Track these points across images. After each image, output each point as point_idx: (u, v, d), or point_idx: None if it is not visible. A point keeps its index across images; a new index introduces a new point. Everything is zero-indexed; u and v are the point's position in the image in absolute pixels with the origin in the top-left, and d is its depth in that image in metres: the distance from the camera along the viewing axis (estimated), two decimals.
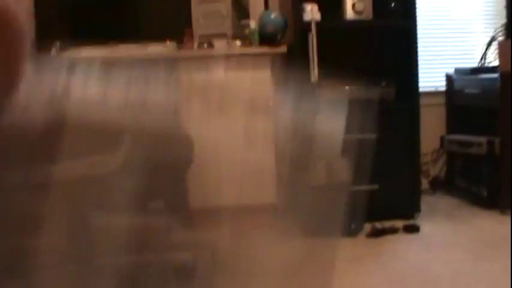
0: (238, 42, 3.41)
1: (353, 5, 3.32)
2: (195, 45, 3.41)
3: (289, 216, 3.59)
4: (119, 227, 2.59)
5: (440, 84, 4.13)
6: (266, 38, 3.39)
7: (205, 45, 3.38)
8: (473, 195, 3.70)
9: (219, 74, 3.34)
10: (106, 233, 3.00)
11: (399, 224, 3.21)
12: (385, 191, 3.28)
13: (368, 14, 3.35)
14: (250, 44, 3.39)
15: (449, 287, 2.36)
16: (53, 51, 3.09)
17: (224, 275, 2.66)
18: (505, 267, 2.53)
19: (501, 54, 3.61)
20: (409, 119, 3.36)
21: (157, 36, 3.36)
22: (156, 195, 3.54)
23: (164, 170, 2.26)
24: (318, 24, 3.20)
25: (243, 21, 3.52)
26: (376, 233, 3.07)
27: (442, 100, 4.12)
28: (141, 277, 2.70)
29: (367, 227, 3.19)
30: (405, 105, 3.35)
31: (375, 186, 3.25)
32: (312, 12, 3.20)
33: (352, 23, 3.36)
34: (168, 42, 3.39)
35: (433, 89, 4.11)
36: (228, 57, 3.36)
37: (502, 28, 4.03)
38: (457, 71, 4.00)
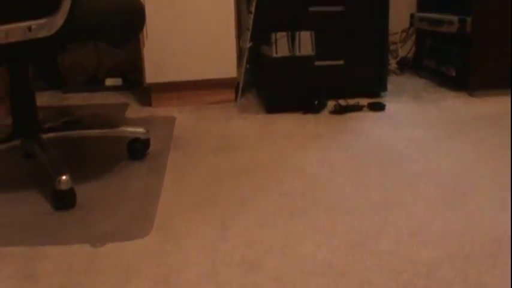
0: None
1: None
2: None
3: (250, 90, 3.45)
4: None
5: None
6: None
7: None
8: (441, 76, 3.59)
9: None
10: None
11: (364, 101, 3.10)
12: (351, 68, 3.14)
13: None
14: None
15: (413, 163, 2.27)
16: None
17: (179, 150, 2.53)
18: (470, 147, 2.44)
19: None
20: None
21: None
22: (106, 69, 3.36)
23: (111, 35, 2.08)
24: None
25: None
26: (340, 110, 2.96)
27: None
28: (93, 149, 2.57)
29: (331, 103, 3.07)
30: None
31: (340, 62, 3.11)
32: None
33: None
34: None
35: None
36: None
37: None
38: None
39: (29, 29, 1.85)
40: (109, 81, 3.66)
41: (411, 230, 1.75)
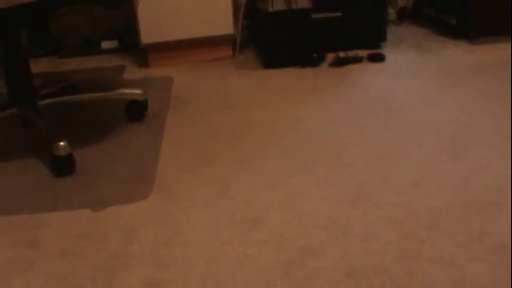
0: None
1: None
2: None
3: (247, 46, 3.40)
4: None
5: None
6: None
7: None
8: (441, 25, 3.53)
9: None
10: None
11: (364, 53, 3.05)
12: (349, 19, 3.09)
13: None
14: None
15: (414, 113, 2.24)
16: None
17: (178, 110, 2.51)
18: (472, 96, 2.41)
19: None
20: None
21: None
22: (101, 32, 3.31)
23: None
24: None
25: None
26: (339, 62, 2.92)
27: None
28: (91, 113, 2.55)
29: (330, 56, 3.02)
30: None
31: (338, 14, 3.05)
32: None
33: None
34: None
35: None
36: None
37: None
38: None
39: None
40: (105, 44, 3.62)
41: (414, 181, 1.74)
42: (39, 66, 3.42)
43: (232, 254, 1.47)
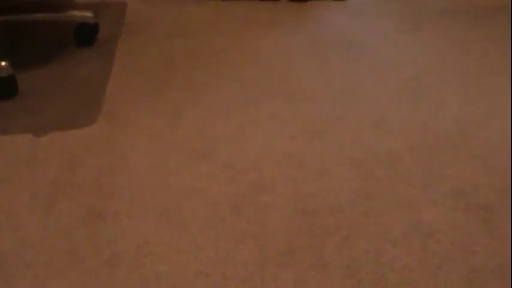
0: None
1: None
2: None
3: None
4: None
5: None
6: None
7: None
8: None
9: None
10: None
11: None
12: None
13: None
14: None
15: (376, 53, 2.17)
16: None
17: (130, 35, 2.38)
18: (435, 39, 2.35)
19: None
20: None
21: None
22: None
23: None
24: None
25: None
26: None
27: None
28: (38, 35, 2.41)
29: None
30: None
31: None
32: None
33: None
34: None
35: None
36: None
37: None
38: None
39: None
40: None
41: (373, 120, 1.67)
42: None
43: (179, 185, 1.39)
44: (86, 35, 2.31)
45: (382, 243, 1.20)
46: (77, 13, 2.33)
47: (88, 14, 2.31)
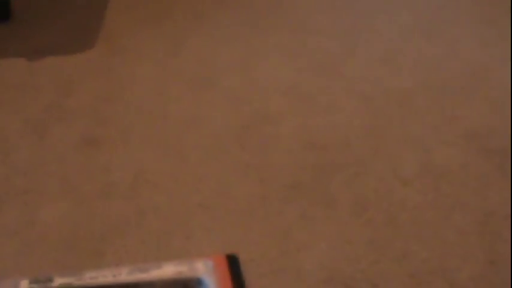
0: None
1: None
2: None
3: None
4: None
5: None
6: None
7: None
8: None
9: None
10: None
11: None
12: None
13: None
14: None
15: None
16: None
17: None
18: None
19: None
20: None
21: None
22: None
23: None
24: None
25: None
26: None
27: None
28: None
29: None
30: None
31: None
32: None
33: None
34: None
35: None
36: None
37: None
38: None
39: None
40: None
41: (384, 56, 1.59)
42: None
43: (180, 114, 1.32)
44: None
45: (392, 181, 1.13)
46: None
47: None
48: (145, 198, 1.10)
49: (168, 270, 0.93)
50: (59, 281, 0.93)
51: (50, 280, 0.94)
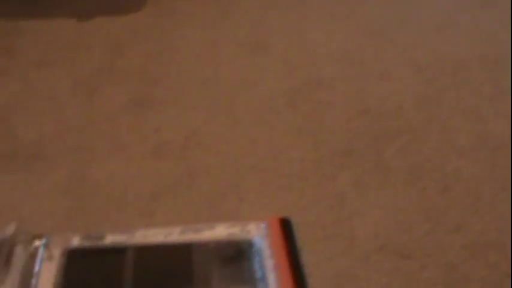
0: None
1: None
2: None
3: None
4: None
5: None
6: None
7: None
8: None
9: None
10: None
11: None
12: None
13: None
14: None
15: None
16: None
17: None
18: None
19: None
20: None
21: None
22: None
23: None
24: None
25: None
26: None
27: None
28: None
29: None
30: None
31: None
32: None
33: None
34: None
35: None
36: None
37: None
38: None
39: None
40: None
41: (437, 25, 1.54)
42: None
43: (231, 76, 1.31)
44: None
45: (447, 151, 1.11)
46: None
47: None
48: (197, 159, 1.09)
49: (221, 231, 0.92)
50: (110, 238, 0.93)
51: (102, 237, 0.94)
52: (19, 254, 0.91)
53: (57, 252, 0.91)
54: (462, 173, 1.06)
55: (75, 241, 0.94)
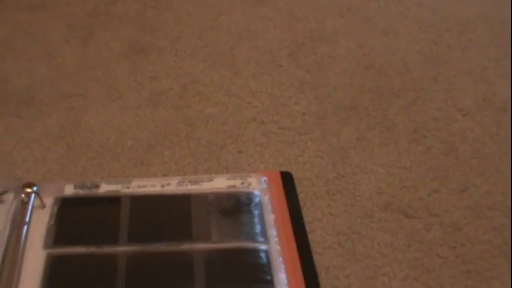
0: None
1: None
2: None
3: None
4: None
5: None
6: None
7: None
8: None
9: None
10: None
11: None
12: None
13: None
14: None
15: None
16: None
17: None
18: None
19: None
20: None
21: None
22: None
23: None
24: None
25: None
26: None
27: None
28: None
29: None
30: None
31: None
32: None
33: None
34: None
35: None
36: None
37: None
38: None
39: None
40: None
41: None
42: None
43: (232, 27, 1.26)
44: None
45: (452, 111, 1.08)
46: None
47: None
48: (196, 109, 1.06)
49: (220, 183, 0.90)
50: (105, 187, 0.90)
51: (96, 186, 0.91)
52: (10, 202, 0.88)
53: (49, 200, 0.88)
54: (467, 134, 1.03)
55: (68, 190, 0.91)
